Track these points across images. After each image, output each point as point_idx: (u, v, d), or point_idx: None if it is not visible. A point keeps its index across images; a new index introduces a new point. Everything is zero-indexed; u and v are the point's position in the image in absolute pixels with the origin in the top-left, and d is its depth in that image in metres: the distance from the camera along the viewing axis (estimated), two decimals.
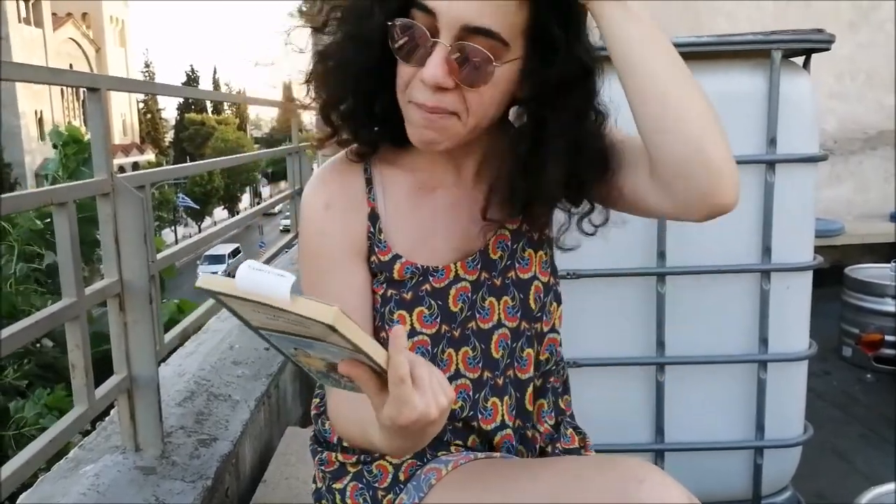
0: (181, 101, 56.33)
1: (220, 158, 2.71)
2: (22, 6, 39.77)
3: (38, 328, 1.21)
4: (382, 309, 1.02)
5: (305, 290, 1.02)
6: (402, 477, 1.02)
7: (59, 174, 5.43)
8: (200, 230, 43.01)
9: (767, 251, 1.98)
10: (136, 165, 42.17)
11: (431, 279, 1.01)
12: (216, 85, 67.72)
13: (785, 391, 2.09)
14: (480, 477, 0.97)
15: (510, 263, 1.06)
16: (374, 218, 1.01)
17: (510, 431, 1.06)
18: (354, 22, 0.92)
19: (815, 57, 2.03)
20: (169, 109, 66.14)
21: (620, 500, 0.84)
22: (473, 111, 0.89)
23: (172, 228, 39.43)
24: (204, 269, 27.11)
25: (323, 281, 1.00)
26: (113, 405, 1.51)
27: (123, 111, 51.10)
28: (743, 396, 2.08)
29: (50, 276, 5.04)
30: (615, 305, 2.05)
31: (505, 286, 1.06)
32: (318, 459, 1.13)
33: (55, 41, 42.78)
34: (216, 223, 40.95)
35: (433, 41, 0.85)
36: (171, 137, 61.27)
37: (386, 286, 1.01)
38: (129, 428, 1.50)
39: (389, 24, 0.87)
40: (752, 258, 2.00)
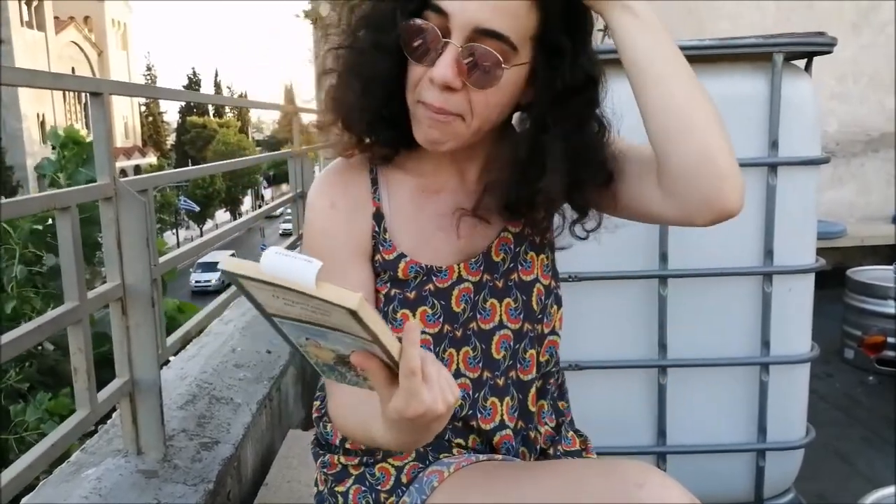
0: (183, 104, 56.46)
1: (222, 162, 2.71)
2: (24, 9, 39.86)
3: (40, 332, 1.21)
4: (386, 308, 1.02)
5: None
6: (404, 479, 1.03)
7: (56, 175, 5.44)
8: (202, 233, 43.11)
9: (769, 253, 1.98)
10: (137, 168, 42.24)
11: (435, 279, 1.02)
12: (218, 88, 67.78)
13: (787, 393, 2.09)
14: (482, 479, 0.98)
15: (512, 266, 1.07)
16: (378, 217, 1.02)
17: (509, 432, 1.07)
18: (378, 30, 0.94)
19: (816, 59, 2.03)
20: (171, 112, 66.38)
21: (622, 501, 0.85)
22: (478, 113, 0.90)
23: (174, 231, 39.44)
24: (197, 276, 26.72)
25: (327, 279, 1.00)
26: (115, 408, 1.52)
27: (125, 114, 51.20)
28: (745, 399, 2.07)
29: (51, 278, 5.04)
30: (617, 308, 2.05)
31: (507, 288, 1.07)
32: (320, 462, 1.13)
33: (57, 45, 42.86)
34: (217, 226, 41.02)
35: (444, 41, 0.87)
36: (172, 140, 61.36)
37: (390, 285, 1.02)
38: (131, 431, 1.50)
39: (403, 24, 0.89)
40: (753, 260, 2.00)
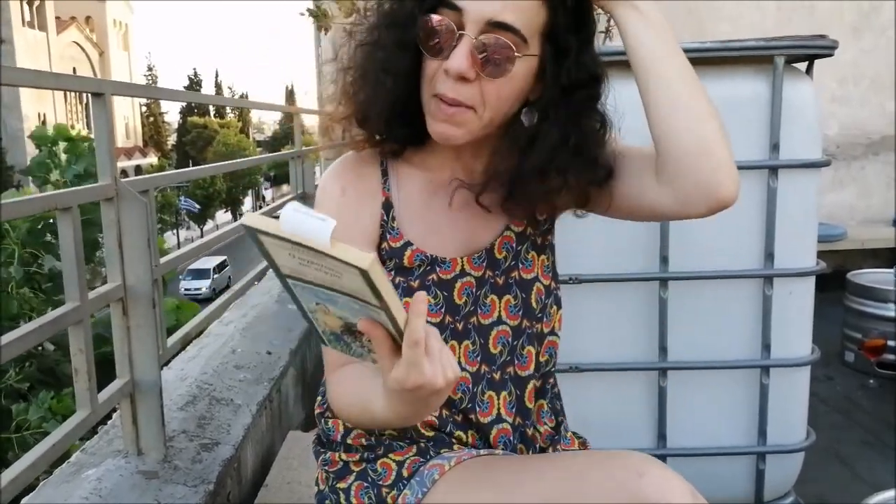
0: (184, 104, 56.48)
1: (224, 163, 2.71)
2: (26, 10, 39.90)
3: (41, 332, 1.21)
4: None
5: None
6: (405, 473, 1.04)
7: (47, 175, 5.42)
8: (202, 233, 43.11)
9: (770, 256, 1.98)
10: (138, 168, 42.27)
11: (438, 270, 1.05)
12: (218, 88, 67.79)
13: (787, 396, 2.09)
14: (483, 473, 0.99)
15: (514, 264, 1.10)
16: (387, 207, 1.05)
17: (507, 426, 1.09)
18: (399, 28, 0.97)
19: (817, 62, 2.04)
20: (172, 112, 66.34)
21: (622, 493, 0.87)
22: (490, 104, 0.94)
23: (174, 231, 39.42)
24: (186, 283, 25.97)
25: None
26: (115, 409, 1.52)
27: (126, 114, 51.24)
28: (745, 401, 2.07)
29: (51, 279, 5.04)
30: (617, 310, 2.05)
31: (507, 285, 1.09)
32: (321, 460, 1.14)
33: (59, 45, 42.90)
34: (218, 226, 41.00)
35: (459, 34, 0.91)
36: (173, 141, 61.36)
37: (395, 273, 1.04)
38: (131, 432, 1.50)
39: (420, 19, 0.93)
40: (754, 263, 2.00)
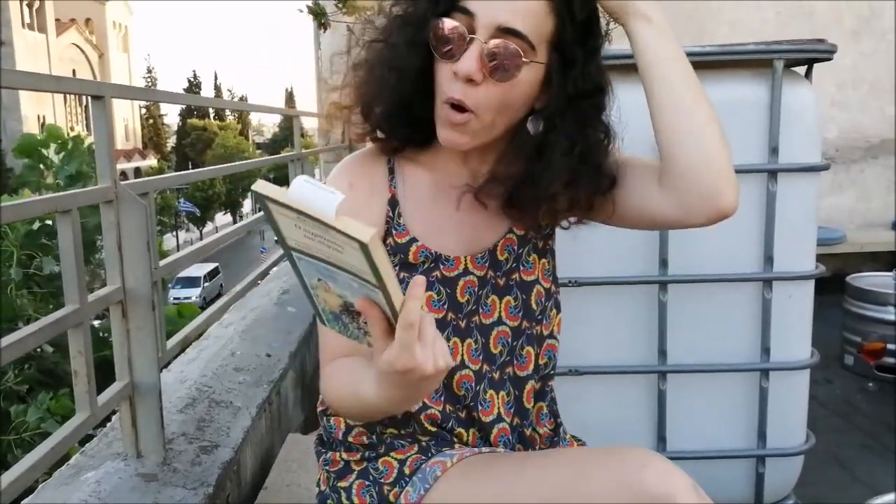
0: (183, 106, 56.50)
1: (223, 165, 2.72)
2: (26, 11, 39.91)
3: (41, 335, 1.21)
4: None
5: None
6: (407, 471, 1.04)
7: (40, 179, 5.36)
8: (202, 235, 43.09)
9: (769, 260, 1.98)
10: (138, 171, 42.29)
11: (442, 267, 1.07)
12: (218, 90, 67.81)
13: (787, 400, 2.09)
14: (485, 469, 1.00)
15: (515, 266, 1.12)
16: (393, 203, 1.07)
17: (506, 426, 1.10)
18: (411, 29, 1.00)
19: (817, 66, 2.04)
20: (171, 115, 66.30)
21: (624, 486, 0.88)
22: (494, 107, 0.97)
23: (174, 233, 39.39)
24: (176, 293, 25.18)
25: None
26: (114, 411, 1.51)
27: (126, 116, 51.25)
28: (745, 405, 2.07)
29: (50, 280, 5.03)
30: (617, 313, 2.05)
31: (508, 287, 1.12)
32: (322, 460, 1.15)
33: (58, 46, 42.91)
34: (217, 228, 40.97)
35: (470, 37, 0.94)
36: (173, 143, 61.37)
37: (399, 269, 1.06)
38: (130, 434, 1.50)
39: (433, 23, 0.96)
40: (753, 267, 2.00)
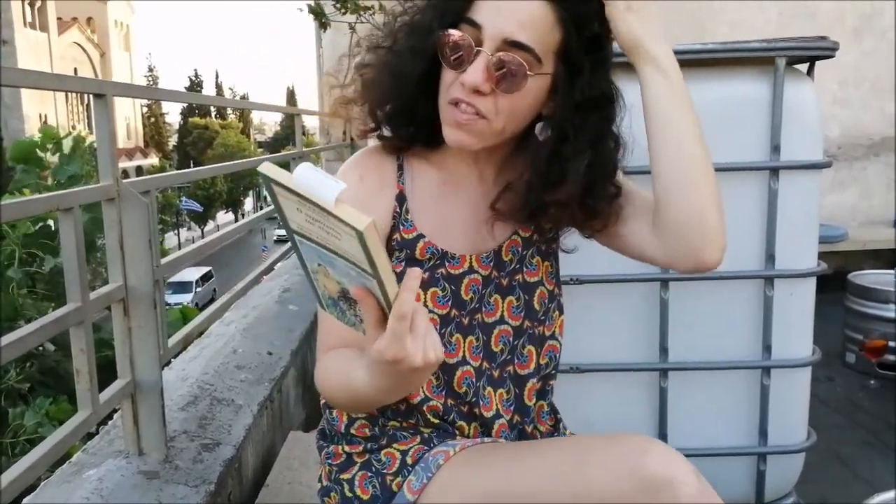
0: (185, 105, 56.51)
1: (225, 164, 2.71)
2: (28, 10, 39.90)
3: (43, 333, 1.21)
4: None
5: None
6: (409, 461, 1.05)
7: (38, 181, 5.32)
8: (203, 234, 43.11)
9: (771, 258, 1.98)
10: (139, 169, 42.27)
11: (448, 264, 1.08)
12: (219, 89, 67.79)
13: (788, 397, 2.09)
14: (487, 457, 1.02)
15: (518, 267, 1.13)
16: (401, 199, 1.08)
17: (505, 422, 1.12)
18: (416, 36, 1.02)
19: (819, 64, 2.04)
20: (173, 113, 66.35)
21: (626, 470, 0.89)
22: (502, 115, 0.98)
23: (175, 232, 39.40)
24: (167, 297, 25.85)
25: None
26: (116, 409, 1.52)
27: (128, 115, 51.22)
28: (746, 402, 2.07)
29: (51, 280, 5.02)
30: (618, 311, 2.05)
31: (511, 287, 1.13)
32: (324, 454, 1.15)
33: (60, 45, 42.90)
34: (219, 227, 40.98)
35: (477, 50, 0.95)
36: (174, 141, 61.39)
37: (405, 264, 1.07)
38: (132, 432, 1.50)
39: (441, 34, 0.97)
40: (755, 264, 2.00)
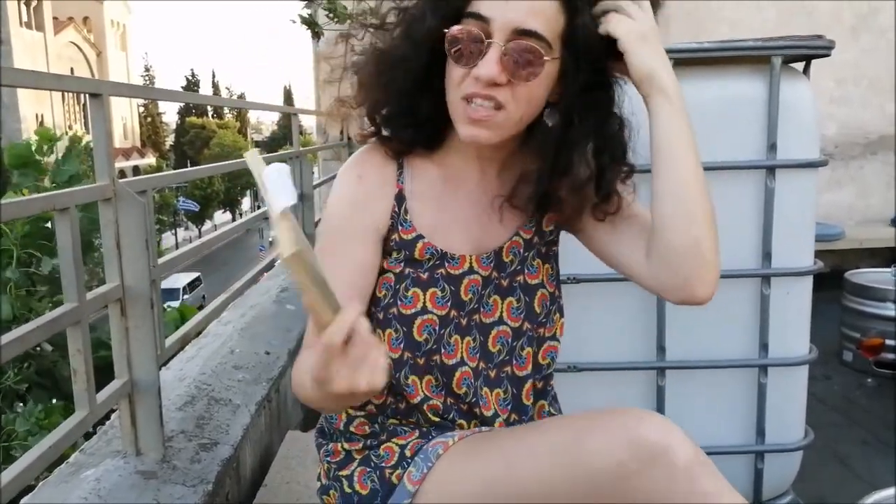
0: (182, 104, 56.41)
1: (222, 163, 2.71)
2: (23, 10, 39.80)
3: (40, 333, 1.21)
4: (398, 286, 1.07)
5: (322, 255, 1.05)
6: (408, 453, 1.06)
7: (37, 183, 5.27)
8: (200, 233, 43.06)
9: (768, 256, 1.98)
10: (136, 169, 42.20)
11: (447, 265, 1.08)
12: (216, 88, 67.70)
13: (785, 396, 2.09)
14: (486, 443, 1.02)
15: (519, 268, 1.13)
16: (400, 199, 1.07)
17: (502, 420, 1.12)
18: (408, 26, 1.01)
19: (816, 62, 2.04)
20: (169, 113, 66.27)
21: (623, 439, 0.90)
22: (521, 104, 0.97)
23: (173, 232, 39.34)
24: None
25: (336, 251, 1.05)
26: (114, 409, 1.51)
27: (124, 114, 51.10)
28: (743, 401, 2.08)
29: (49, 281, 5.00)
30: (616, 310, 2.05)
31: (511, 288, 1.12)
32: (323, 452, 1.15)
33: (56, 45, 42.80)
34: (216, 226, 40.92)
35: (488, 42, 0.94)
36: (171, 141, 61.29)
37: (404, 264, 1.07)
38: (130, 432, 1.50)
39: (447, 31, 0.96)
40: (752, 263, 2.00)
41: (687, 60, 1.80)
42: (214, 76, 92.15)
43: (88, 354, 1.34)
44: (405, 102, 1.03)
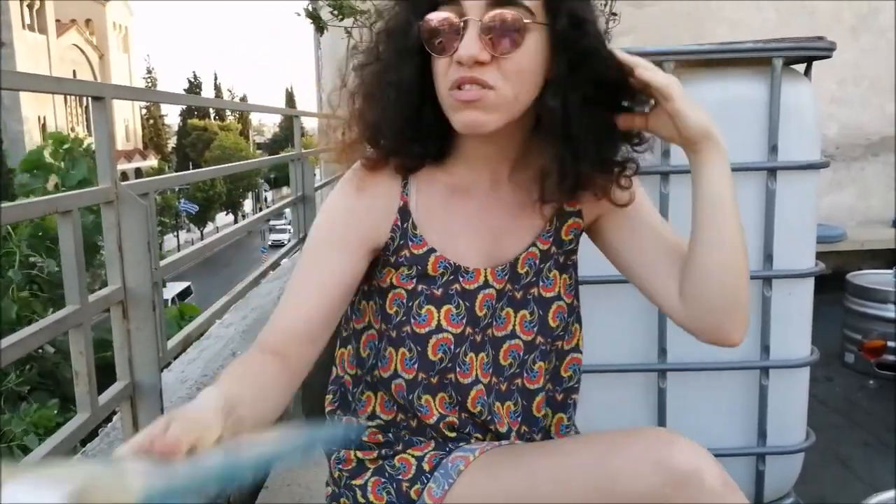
0: (184, 107, 56.51)
1: (224, 165, 2.72)
2: (26, 13, 39.86)
3: (42, 335, 1.22)
4: (410, 303, 1.02)
5: (302, 257, 1.03)
6: (426, 467, 1.02)
7: (44, 185, 5.27)
8: (202, 236, 43.09)
9: (769, 258, 1.98)
10: (138, 171, 42.24)
11: (462, 279, 1.03)
12: (218, 90, 67.75)
13: (787, 397, 2.09)
14: (507, 459, 0.99)
15: (534, 280, 1.08)
16: (405, 212, 1.02)
17: (515, 434, 1.09)
18: (398, 38, 0.96)
19: (818, 63, 2.04)
20: (171, 115, 66.25)
21: (652, 463, 0.88)
22: (510, 80, 0.91)
23: (175, 234, 39.36)
24: None
25: (320, 256, 1.01)
26: (116, 412, 1.52)
27: (126, 116, 51.16)
28: (745, 403, 2.07)
29: (51, 281, 5.00)
30: (617, 312, 2.05)
31: (525, 301, 1.08)
32: (334, 459, 1.11)
33: (59, 47, 42.88)
34: (218, 228, 40.94)
35: (464, 20, 0.89)
36: (173, 143, 61.37)
37: (416, 281, 1.02)
38: (131, 435, 1.49)
39: (421, 23, 0.92)
40: (753, 265, 1.99)
41: (689, 62, 1.80)
42: (217, 78, 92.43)
43: (90, 357, 1.35)
44: (406, 117, 0.97)
